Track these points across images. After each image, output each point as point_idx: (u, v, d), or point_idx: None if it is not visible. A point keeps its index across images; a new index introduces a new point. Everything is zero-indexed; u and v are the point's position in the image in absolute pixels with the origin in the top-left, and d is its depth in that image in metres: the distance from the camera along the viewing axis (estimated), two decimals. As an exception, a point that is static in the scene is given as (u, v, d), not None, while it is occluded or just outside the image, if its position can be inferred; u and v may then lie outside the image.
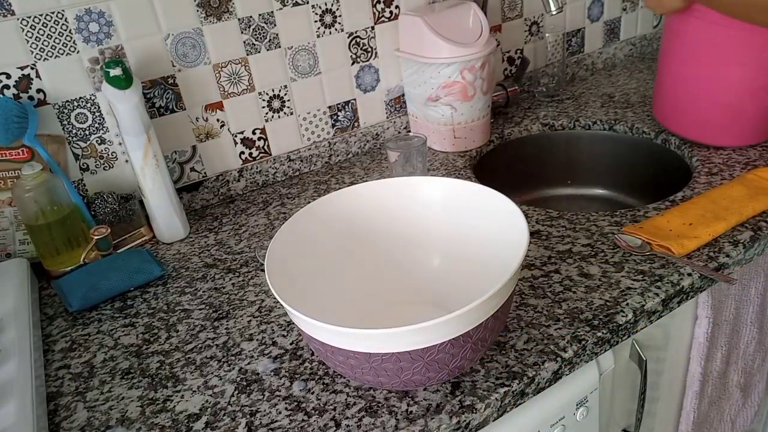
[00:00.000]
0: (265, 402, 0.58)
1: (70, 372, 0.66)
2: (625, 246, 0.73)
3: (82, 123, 0.87)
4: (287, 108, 1.03)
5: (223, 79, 0.96)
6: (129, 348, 0.69)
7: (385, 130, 1.14)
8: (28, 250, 0.86)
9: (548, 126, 1.15)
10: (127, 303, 0.77)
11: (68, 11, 0.81)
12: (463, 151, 1.07)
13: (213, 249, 0.87)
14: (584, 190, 1.18)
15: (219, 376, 0.62)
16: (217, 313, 0.72)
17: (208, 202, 1.01)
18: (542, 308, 0.65)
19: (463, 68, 0.99)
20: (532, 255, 0.75)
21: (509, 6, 1.20)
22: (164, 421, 0.58)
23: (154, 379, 0.63)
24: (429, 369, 0.51)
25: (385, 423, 0.54)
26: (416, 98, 1.06)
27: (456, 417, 0.54)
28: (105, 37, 0.85)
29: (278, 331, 0.68)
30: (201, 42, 0.92)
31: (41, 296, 0.81)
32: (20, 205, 0.79)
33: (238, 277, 0.79)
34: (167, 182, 0.88)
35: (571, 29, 1.32)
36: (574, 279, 0.69)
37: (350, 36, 1.04)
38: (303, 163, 1.07)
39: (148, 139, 0.84)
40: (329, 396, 0.58)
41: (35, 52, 0.81)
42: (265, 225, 0.92)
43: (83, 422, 0.59)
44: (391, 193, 0.69)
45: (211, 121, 0.97)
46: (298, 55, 1.01)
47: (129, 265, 0.79)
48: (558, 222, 0.81)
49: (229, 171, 1.01)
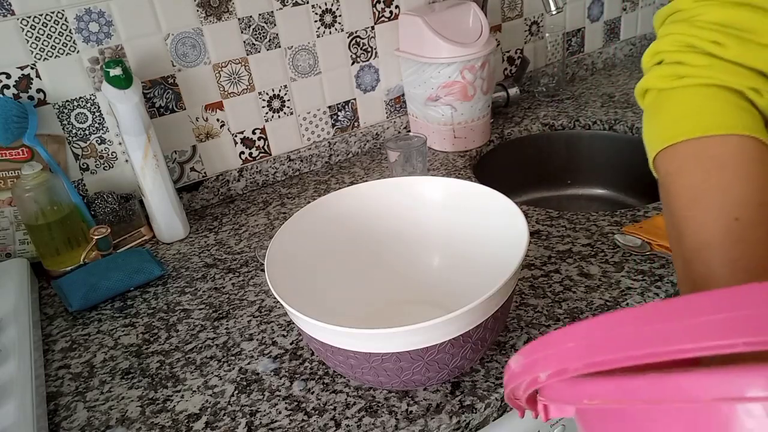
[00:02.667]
0: (265, 402, 0.58)
1: (70, 372, 0.66)
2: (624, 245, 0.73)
3: (82, 123, 0.87)
4: (287, 108, 1.03)
5: (223, 79, 0.96)
6: (129, 348, 0.69)
7: (385, 130, 1.14)
8: (28, 250, 0.86)
9: (548, 126, 1.15)
10: (127, 303, 0.77)
11: (68, 11, 0.81)
12: (463, 151, 1.07)
13: (213, 249, 0.87)
14: (584, 190, 1.18)
15: (219, 376, 0.62)
16: (217, 313, 0.72)
17: (208, 202, 1.01)
18: (542, 308, 0.65)
19: (463, 68, 0.99)
20: (532, 255, 0.75)
21: (509, 6, 1.20)
22: (164, 421, 0.58)
23: (154, 379, 0.63)
24: (429, 369, 0.51)
25: (385, 423, 0.54)
26: (416, 98, 1.06)
27: (456, 417, 0.54)
28: (105, 37, 0.85)
29: (278, 331, 0.68)
30: (201, 42, 0.92)
31: (41, 296, 0.81)
32: (20, 205, 0.79)
33: (238, 277, 0.79)
34: (167, 182, 0.88)
35: (571, 29, 1.32)
36: (574, 279, 0.69)
37: (350, 36, 1.04)
38: (303, 163, 1.07)
39: (148, 139, 0.84)
40: (329, 396, 0.58)
41: (35, 52, 0.81)
42: (265, 225, 0.92)
43: (83, 422, 0.59)
44: (391, 193, 0.69)
45: (211, 120, 0.97)
46: (298, 55, 1.01)
47: (129, 265, 0.79)
48: (558, 222, 0.81)
49: (229, 171, 1.01)
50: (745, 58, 0.43)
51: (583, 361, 0.26)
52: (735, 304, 0.21)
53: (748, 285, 0.21)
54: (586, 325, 0.26)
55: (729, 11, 0.43)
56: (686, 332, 0.22)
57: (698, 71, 0.44)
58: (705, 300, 0.22)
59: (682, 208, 0.43)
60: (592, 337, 0.25)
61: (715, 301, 0.21)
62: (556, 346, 0.28)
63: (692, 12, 0.46)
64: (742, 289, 0.21)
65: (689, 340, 0.21)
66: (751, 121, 0.42)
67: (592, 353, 0.25)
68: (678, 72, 0.45)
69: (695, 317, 0.22)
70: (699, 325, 0.21)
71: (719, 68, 0.43)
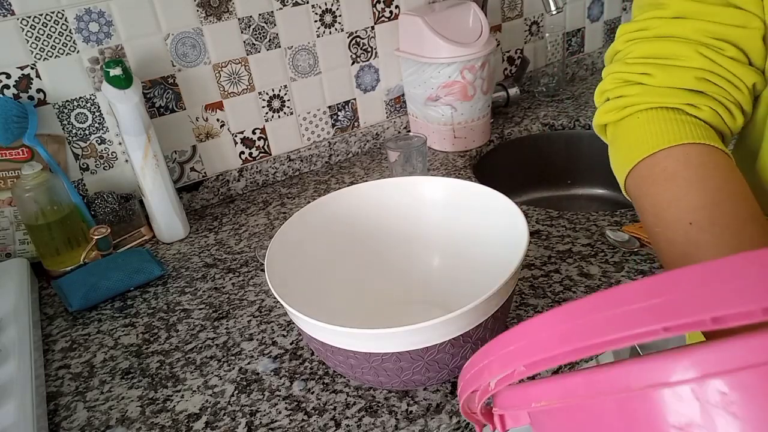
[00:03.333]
0: (265, 402, 0.58)
1: (70, 372, 0.66)
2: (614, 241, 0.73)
3: (82, 123, 0.87)
4: (287, 108, 1.03)
5: (223, 79, 0.96)
6: (129, 348, 0.69)
7: (385, 129, 1.14)
8: (28, 250, 0.86)
9: (548, 126, 1.15)
10: (127, 303, 0.77)
11: (68, 11, 0.81)
12: (463, 150, 1.07)
13: (213, 249, 0.87)
14: (584, 190, 1.18)
15: (219, 375, 0.62)
16: (217, 313, 0.72)
17: (208, 202, 1.01)
18: (542, 308, 0.65)
19: (463, 68, 0.99)
20: (532, 255, 0.75)
21: (509, 6, 1.20)
22: (164, 421, 0.58)
23: (154, 379, 0.63)
24: (429, 369, 0.51)
25: (385, 423, 0.54)
26: (416, 98, 1.06)
27: (456, 417, 0.54)
28: (105, 37, 0.85)
29: (278, 331, 0.68)
30: (201, 42, 0.92)
31: (41, 296, 0.81)
32: (20, 205, 0.79)
33: (238, 276, 0.79)
34: (167, 182, 0.88)
35: (571, 29, 1.32)
36: (574, 279, 0.69)
37: (350, 36, 1.04)
38: (303, 163, 1.07)
39: (148, 138, 0.84)
40: (329, 396, 0.58)
41: (35, 52, 0.81)
42: (265, 225, 0.92)
43: (83, 422, 0.59)
44: (391, 193, 0.69)
45: (211, 120, 0.97)
46: (298, 55, 1.01)
47: (129, 265, 0.79)
48: (558, 222, 0.81)
49: (229, 171, 1.01)
50: (671, 80, 0.47)
51: (524, 361, 0.27)
52: (652, 294, 0.22)
53: (663, 274, 0.22)
54: (527, 325, 0.27)
55: (653, 44, 0.49)
56: (610, 322, 0.23)
57: (636, 99, 0.49)
58: (629, 291, 0.23)
59: (651, 225, 0.46)
60: (533, 337, 0.27)
61: (637, 291, 0.23)
62: (498, 351, 0.29)
63: (625, 51, 0.52)
64: (659, 278, 0.22)
65: (614, 331, 0.23)
66: (693, 130, 0.45)
67: (532, 353, 0.26)
68: (620, 104, 0.50)
69: (618, 308, 0.23)
70: (623, 315, 0.23)
71: (652, 93, 0.48)
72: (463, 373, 0.33)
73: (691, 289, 0.21)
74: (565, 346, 0.25)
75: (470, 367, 0.32)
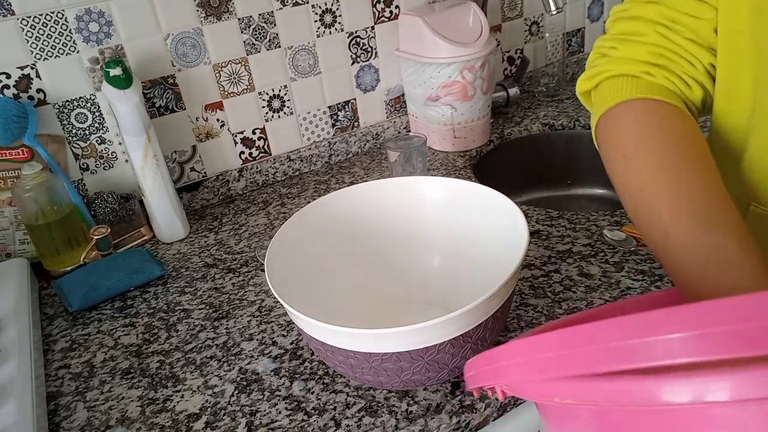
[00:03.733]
0: (265, 402, 0.58)
1: (70, 372, 0.66)
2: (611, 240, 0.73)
3: (82, 123, 0.87)
4: (287, 108, 1.03)
5: (223, 79, 0.96)
6: (129, 348, 0.69)
7: (385, 129, 1.14)
8: (28, 250, 0.86)
9: (548, 126, 1.15)
10: (127, 303, 0.77)
11: (68, 11, 0.81)
12: (463, 150, 1.07)
13: (213, 249, 0.87)
14: (584, 190, 1.18)
15: (219, 375, 0.62)
16: (217, 313, 0.72)
17: (208, 202, 1.01)
18: (542, 308, 0.65)
19: (463, 68, 0.99)
20: (532, 255, 0.75)
21: (509, 6, 1.20)
22: (164, 420, 0.58)
23: (154, 379, 0.63)
24: (429, 369, 0.51)
25: (385, 423, 0.54)
26: (416, 98, 1.06)
27: (456, 417, 0.54)
28: (105, 37, 0.85)
29: (278, 331, 0.68)
30: (201, 42, 0.92)
31: (41, 296, 0.81)
32: (20, 205, 0.79)
33: (238, 276, 0.79)
34: (167, 182, 0.88)
35: (571, 29, 1.32)
36: (574, 279, 0.69)
37: (350, 36, 1.04)
38: (303, 163, 1.07)
39: (148, 138, 0.84)
40: (329, 396, 0.58)
41: (35, 52, 0.81)
42: (265, 225, 0.92)
43: (83, 422, 0.59)
44: (391, 193, 0.69)
45: (211, 120, 0.97)
46: (298, 55, 1.01)
47: (129, 264, 0.79)
48: (558, 222, 0.81)
49: (229, 171, 1.01)
50: (630, 53, 0.55)
51: (553, 373, 0.29)
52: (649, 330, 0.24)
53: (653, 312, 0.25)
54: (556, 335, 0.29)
55: (625, 23, 0.57)
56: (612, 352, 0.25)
57: (602, 68, 0.57)
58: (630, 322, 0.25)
59: (614, 166, 0.53)
60: (567, 348, 0.28)
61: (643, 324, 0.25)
62: (528, 355, 0.31)
63: (608, 28, 0.60)
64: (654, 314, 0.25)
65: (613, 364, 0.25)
66: (645, 88, 0.53)
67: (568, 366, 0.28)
68: (592, 74, 0.58)
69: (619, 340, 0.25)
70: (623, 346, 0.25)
71: (615, 63, 0.56)
72: (472, 365, 0.34)
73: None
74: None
75: (491, 360, 0.33)
